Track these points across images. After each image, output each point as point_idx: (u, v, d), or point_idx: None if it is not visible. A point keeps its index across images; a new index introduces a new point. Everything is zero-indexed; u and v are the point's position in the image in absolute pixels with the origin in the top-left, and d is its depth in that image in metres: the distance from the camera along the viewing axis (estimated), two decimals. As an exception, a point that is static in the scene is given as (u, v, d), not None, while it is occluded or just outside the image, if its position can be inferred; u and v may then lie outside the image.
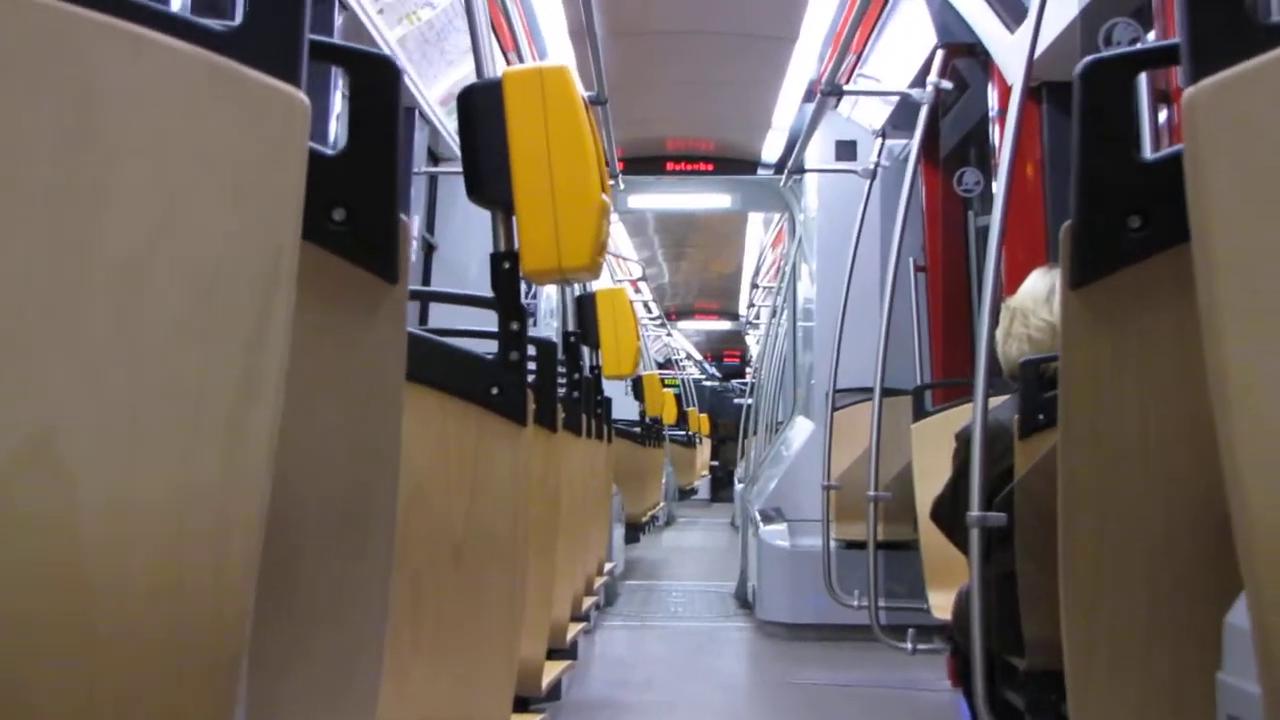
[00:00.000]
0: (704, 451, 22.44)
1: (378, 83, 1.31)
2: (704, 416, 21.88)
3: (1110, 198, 1.40)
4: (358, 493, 1.29)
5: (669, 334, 21.68)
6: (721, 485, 23.30)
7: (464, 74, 5.87)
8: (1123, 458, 1.43)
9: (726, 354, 29.08)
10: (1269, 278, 0.89)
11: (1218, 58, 0.97)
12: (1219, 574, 1.31)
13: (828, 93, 5.72)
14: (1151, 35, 3.27)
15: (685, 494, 19.94)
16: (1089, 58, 1.46)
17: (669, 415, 13.54)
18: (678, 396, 16.80)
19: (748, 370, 24.77)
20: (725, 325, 23.37)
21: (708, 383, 27.71)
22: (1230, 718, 1.17)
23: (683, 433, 18.81)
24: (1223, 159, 0.93)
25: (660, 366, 20.18)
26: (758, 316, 15.80)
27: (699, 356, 28.17)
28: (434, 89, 5.84)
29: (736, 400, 23.30)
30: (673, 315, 21.07)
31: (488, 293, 2.37)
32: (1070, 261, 1.42)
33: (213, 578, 0.88)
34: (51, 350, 0.81)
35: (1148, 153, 1.43)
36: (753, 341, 20.08)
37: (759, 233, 13.48)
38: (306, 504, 1.22)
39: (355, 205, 1.24)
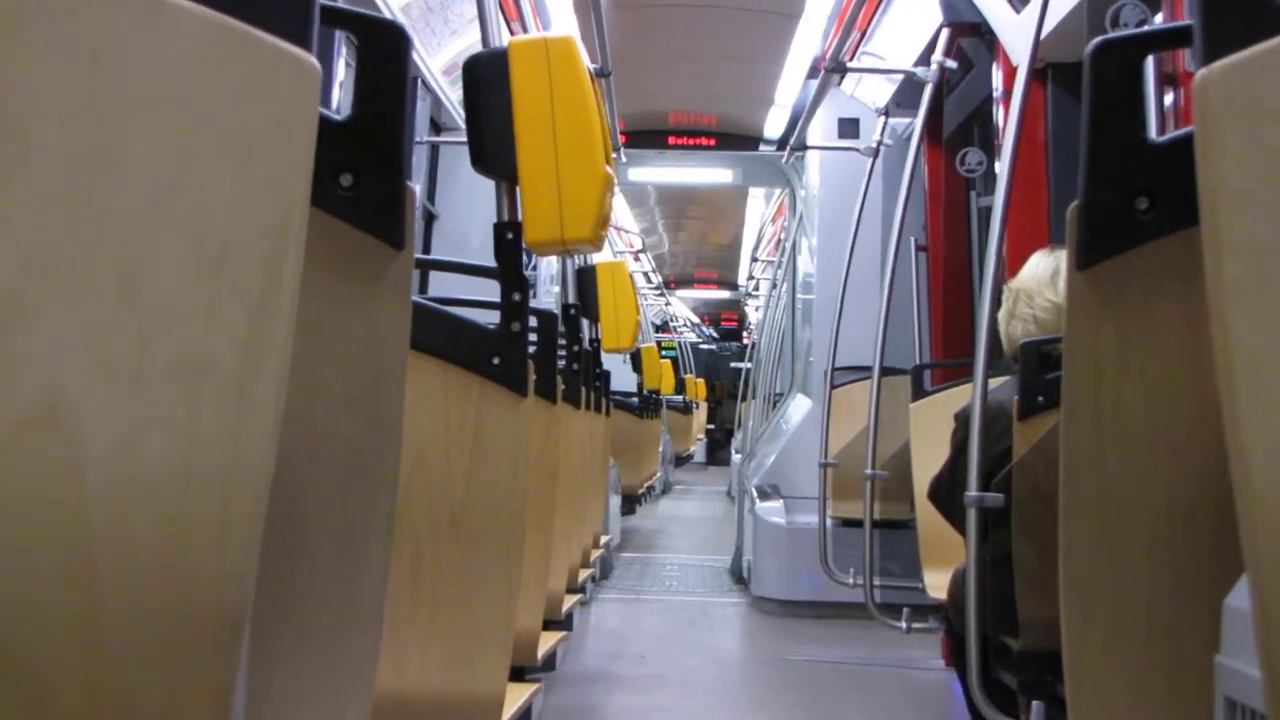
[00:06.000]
0: (700, 416, 22.45)
1: (386, 49, 1.31)
2: (700, 381, 21.89)
3: (1118, 179, 1.40)
4: (361, 460, 1.29)
5: (668, 303, 21.72)
6: (719, 446, 23.31)
7: (467, 44, 5.85)
8: (1125, 439, 1.43)
9: (724, 317, 29.31)
10: (1278, 260, 0.89)
11: (1230, 39, 0.97)
12: (1219, 557, 1.32)
13: (832, 70, 5.71)
14: (1159, 18, 3.26)
15: (681, 460, 19.92)
16: (1099, 38, 1.46)
17: (667, 387, 13.53)
18: (674, 361, 16.78)
19: (745, 334, 24.88)
20: (724, 294, 23.43)
21: (705, 345, 27.77)
22: (1228, 700, 1.18)
23: (679, 398, 18.79)
24: (1234, 141, 0.93)
25: (657, 329, 20.21)
26: (757, 288, 15.80)
27: (696, 320, 28.29)
28: (437, 58, 5.83)
29: (734, 364, 23.37)
30: (672, 284, 21.10)
31: (490, 263, 2.36)
32: (1076, 242, 1.42)
33: (216, 540, 0.88)
34: (59, 311, 0.80)
35: (1153, 135, 1.43)
36: (751, 310, 20.13)
37: (759, 205, 13.47)
38: (309, 471, 1.22)
39: (362, 171, 1.24)
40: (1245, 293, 0.91)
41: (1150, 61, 2.90)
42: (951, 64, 4.90)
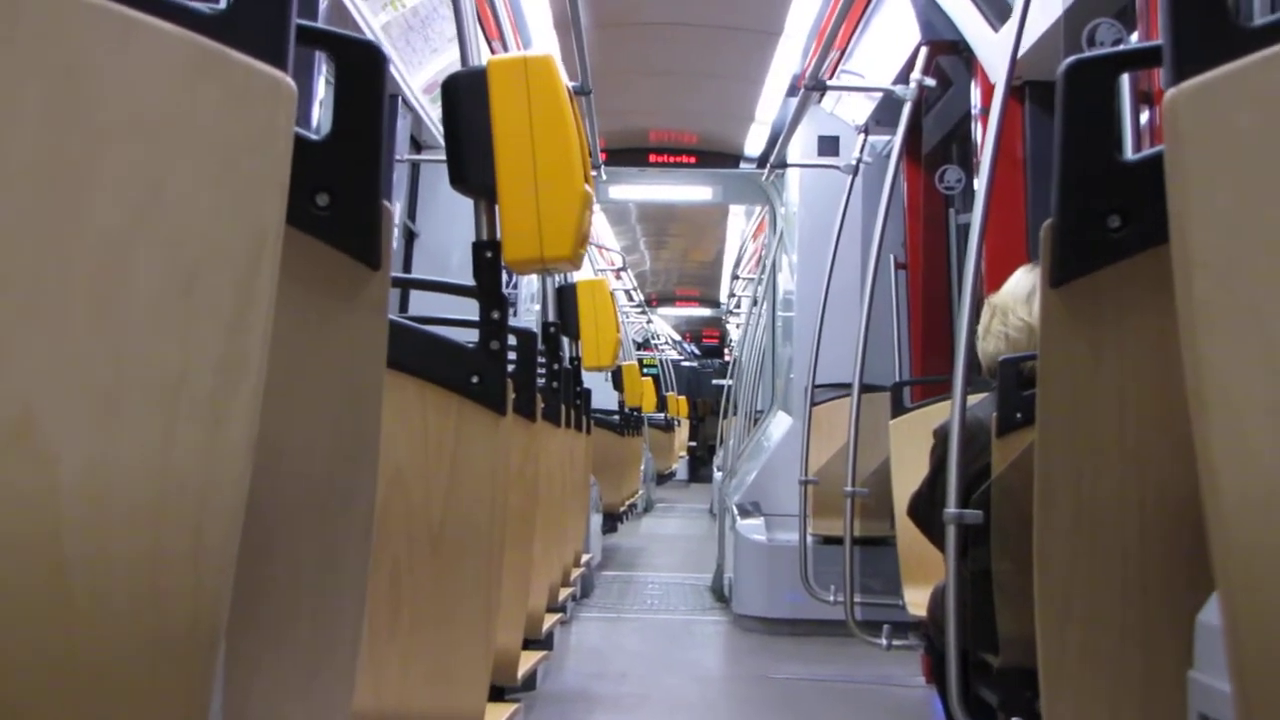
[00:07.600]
0: (681, 433, 22.43)
1: (363, 68, 1.31)
2: (682, 399, 21.89)
3: (1091, 197, 1.40)
4: (337, 479, 1.29)
5: (649, 321, 21.76)
6: (701, 463, 23.29)
7: (447, 62, 5.86)
8: (1099, 456, 1.43)
9: (705, 334, 29.37)
10: (1246, 278, 0.90)
11: (1199, 60, 0.98)
12: (1192, 573, 1.33)
13: (811, 88, 5.74)
14: (1134, 36, 3.28)
15: (663, 478, 19.88)
16: (1072, 57, 1.46)
17: (648, 405, 13.50)
18: (656, 378, 16.75)
19: (726, 351, 24.91)
20: (705, 312, 23.46)
21: (686, 363, 27.79)
22: (1201, 715, 1.18)
23: (661, 416, 18.77)
24: (1203, 161, 0.94)
25: (639, 346, 20.21)
26: (738, 306, 15.83)
27: (678, 337, 28.32)
28: (417, 76, 5.83)
29: (715, 381, 23.39)
30: (654, 301, 21.12)
31: (469, 281, 2.37)
32: (1050, 260, 1.42)
33: (190, 560, 0.88)
34: (32, 331, 0.80)
35: (1129, 153, 1.43)
36: (733, 327, 20.17)
37: (740, 223, 13.50)
38: (285, 490, 1.22)
39: (339, 190, 1.24)
40: (1213, 309, 0.92)
41: (1126, 79, 2.92)
42: (930, 82, 4.92)
